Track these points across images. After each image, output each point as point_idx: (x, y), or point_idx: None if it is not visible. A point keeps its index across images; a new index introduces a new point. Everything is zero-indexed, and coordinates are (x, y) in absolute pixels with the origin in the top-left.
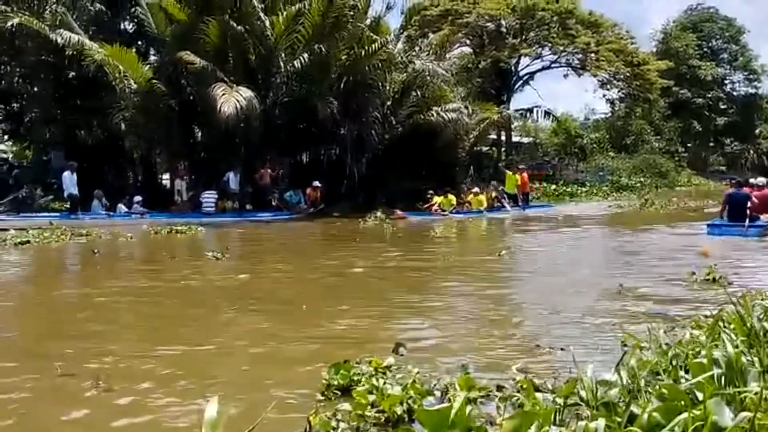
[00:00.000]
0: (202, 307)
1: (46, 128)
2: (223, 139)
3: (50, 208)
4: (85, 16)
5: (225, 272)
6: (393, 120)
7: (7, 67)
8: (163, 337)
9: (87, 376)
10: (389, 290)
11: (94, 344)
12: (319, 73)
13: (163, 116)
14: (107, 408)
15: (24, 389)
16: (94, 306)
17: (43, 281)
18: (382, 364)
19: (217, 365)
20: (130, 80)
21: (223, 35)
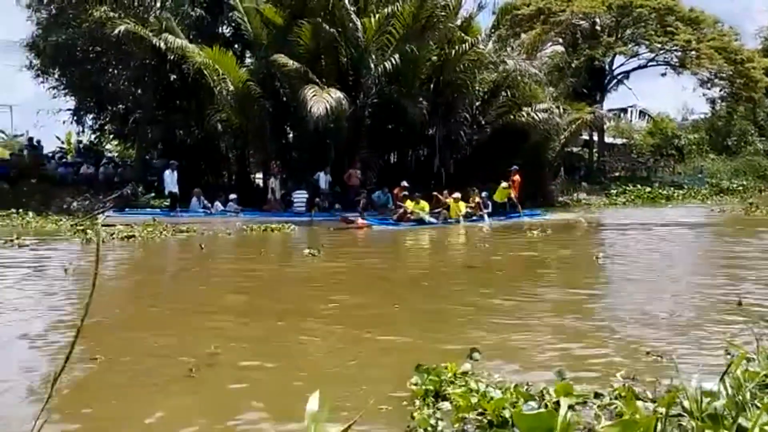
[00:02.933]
0: (292, 303)
1: (149, 129)
2: (313, 139)
3: (152, 205)
4: (187, 21)
5: (323, 268)
6: (482, 120)
7: (114, 71)
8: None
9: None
10: (466, 292)
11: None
12: (409, 73)
13: (257, 117)
14: (217, 392)
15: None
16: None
17: (172, 278)
18: (458, 370)
19: (306, 360)
20: (228, 82)
21: (316, 38)
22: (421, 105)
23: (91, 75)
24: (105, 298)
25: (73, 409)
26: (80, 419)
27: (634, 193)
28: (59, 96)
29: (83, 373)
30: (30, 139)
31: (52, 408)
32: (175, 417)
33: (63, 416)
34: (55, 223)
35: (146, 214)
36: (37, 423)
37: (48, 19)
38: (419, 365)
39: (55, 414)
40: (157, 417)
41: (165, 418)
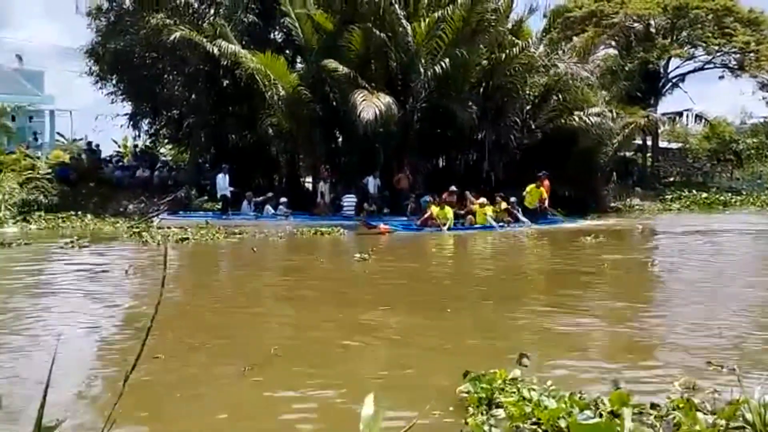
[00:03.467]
0: (350, 307)
1: (202, 133)
2: (362, 143)
3: (204, 208)
4: (239, 27)
5: (374, 272)
6: (532, 124)
7: (169, 77)
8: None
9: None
10: (518, 298)
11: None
12: (458, 77)
13: (308, 122)
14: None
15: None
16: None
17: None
18: (507, 376)
19: (357, 363)
20: (279, 87)
21: (366, 43)
22: (470, 109)
23: (147, 81)
24: (166, 298)
25: (135, 406)
26: (140, 416)
27: (689, 199)
28: (117, 101)
29: (144, 371)
30: (89, 144)
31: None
32: (228, 415)
33: (126, 411)
34: (113, 225)
35: (199, 217)
36: (109, 420)
37: (107, 27)
38: (467, 372)
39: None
40: (210, 414)
41: (217, 415)
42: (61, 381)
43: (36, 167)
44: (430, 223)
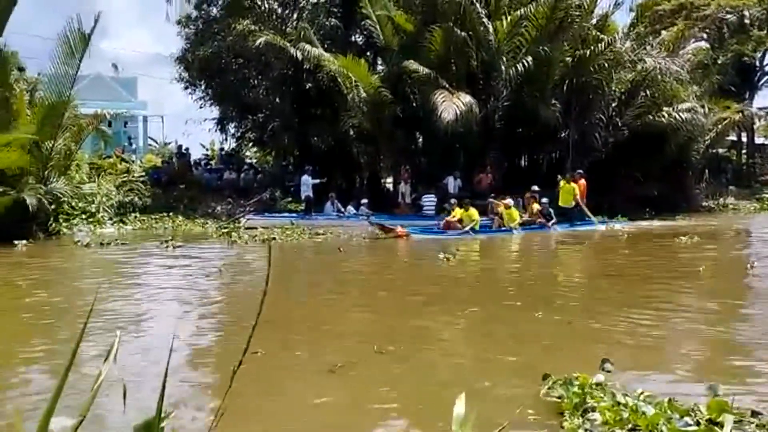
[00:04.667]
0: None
1: (286, 136)
2: (442, 143)
3: (288, 209)
4: (321, 31)
5: (460, 273)
6: (618, 122)
7: (255, 81)
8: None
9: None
10: (606, 301)
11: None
12: (541, 75)
13: (388, 123)
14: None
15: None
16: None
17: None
18: (590, 381)
19: (445, 363)
20: (360, 89)
21: (447, 43)
22: (553, 107)
23: (234, 86)
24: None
25: (237, 401)
26: (241, 410)
27: None
28: (205, 106)
29: (244, 365)
30: (179, 147)
31: (215, 399)
32: (318, 411)
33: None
34: (202, 225)
35: (283, 218)
36: (217, 414)
37: (195, 35)
38: (546, 375)
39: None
40: (299, 410)
41: (306, 410)
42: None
43: (131, 171)
44: (452, 226)
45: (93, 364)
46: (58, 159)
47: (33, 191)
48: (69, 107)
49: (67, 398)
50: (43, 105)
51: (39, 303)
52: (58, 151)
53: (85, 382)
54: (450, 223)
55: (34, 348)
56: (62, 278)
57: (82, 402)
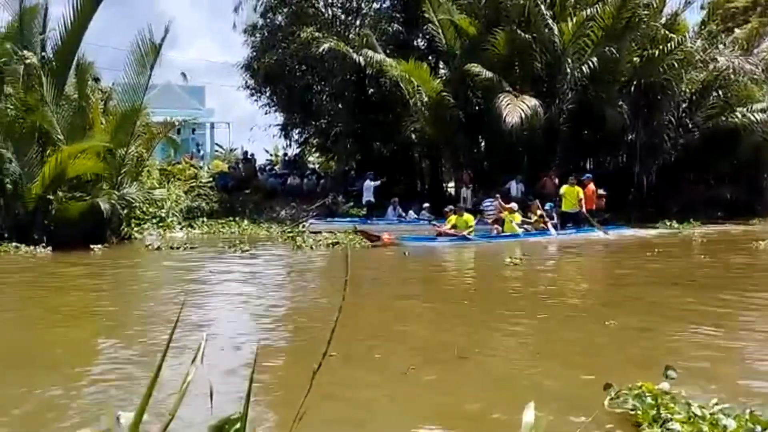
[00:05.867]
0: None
1: (348, 142)
2: (505, 147)
3: (351, 214)
4: (384, 37)
5: (529, 276)
6: (689, 123)
7: (318, 87)
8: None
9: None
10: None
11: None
12: (607, 76)
13: (450, 127)
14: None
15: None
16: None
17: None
18: (654, 389)
19: (501, 367)
20: (422, 93)
21: (510, 45)
22: (620, 109)
23: (298, 92)
24: (335, 299)
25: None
26: (313, 411)
27: None
28: (270, 112)
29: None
30: (245, 153)
31: (283, 400)
32: (385, 412)
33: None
34: (267, 230)
35: (346, 222)
36: (297, 415)
37: (261, 43)
38: (608, 384)
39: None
40: (369, 410)
41: (375, 411)
42: (237, 377)
43: (198, 176)
44: (444, 232)
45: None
46: (130, 165)
47: (107, 197)
48: (141, 115)
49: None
50: (116, 113)
51: (119, 304)
52: (130, 157)
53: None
54: (444, 230)
55: (115, 347)
56: (141, 281)
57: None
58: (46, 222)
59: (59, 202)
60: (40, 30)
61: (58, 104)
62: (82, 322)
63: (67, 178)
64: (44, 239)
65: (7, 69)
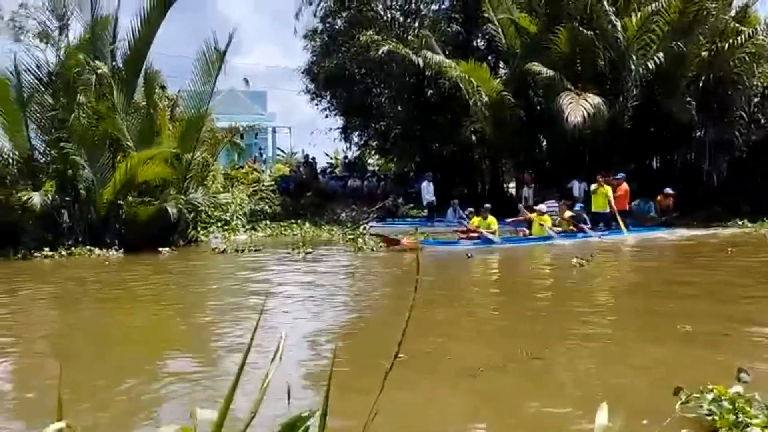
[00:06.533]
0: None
1: (407, 144)
2: (567, 147)
3: (411, 216)
4: (443, 38)
5: (597, 277)
6: (761, 119)
7: (377, 90)
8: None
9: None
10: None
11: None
12: (674, 72)
13: (511, 127)
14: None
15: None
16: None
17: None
18: (728, 393)
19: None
20: (482, 94)
21: (572, 43)
22: (688, 105)
23: (357, 96)
24: (401, 301)
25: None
26: (383, 411)
27: None
28: (330, 116)
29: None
30: (306, 156)
31: (350, 400)
32: (450, 413)
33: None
34: (328, 232)
35: (406, 224)
36: (369, 416)
37: (321, 47)
38: (678, 388)
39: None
40: (435, 412)
41: (440, 411)
42: (306, 377)
43: (261, 180)
44: (468, 236)
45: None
46: (196, 170)
47: (174, 201)
48: (206, 121)
49: (203, 391)
50: (183, 120)
51: (190, 305)
52: (196, 163)
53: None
54: (469, 232)
55: (188, 345)
56: (209, 283)
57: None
58: (117, 226)
59: (129, 206)
60: (111, 40)
61: (128, 112)
62: (157, 321)
63: (137, 184)
64: (116, 242)
65: (80, 79)
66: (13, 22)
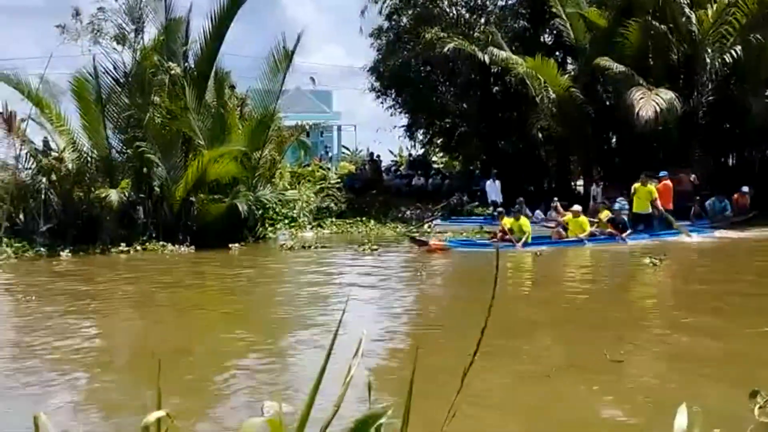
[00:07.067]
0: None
1: (472, 141)
2: (638, 143)
3: (475, 214)
4: (510, 34)
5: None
6: None
7: (442, 88)
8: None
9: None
10: None
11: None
12: (752, 65)
13: (579, 123)
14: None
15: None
16: None
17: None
18: None
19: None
20: (549, 90)
21: (644, 37)
22: (767, 99)
23: (423, 93)
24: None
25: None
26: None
27: None
28: (395, 114)
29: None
30: (371, 154)
31: (426, 397)
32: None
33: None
34: (393, 230)
35: (470, 222)
36: (449, 412)
37: (386, 45)
38: (755, 391)
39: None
40: (506, 412)
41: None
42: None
43: (327, 178)
44: (502, 238)
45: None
46: (264, 168)
47: (243, 198)
48: (274, 120)
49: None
50: (252, 119)
51: (263, 300)
52: (264, 160)
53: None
54: (497, 235)
55: (260, 339)
56: (280, 279)
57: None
58: (189, 223)
59: (200, 203)
60: (183, 41)
61: (199, 111)
62: (229, 317)
63: (208, 181)
64: (187, 239)
65: (154, 80)
66: (92, 26)
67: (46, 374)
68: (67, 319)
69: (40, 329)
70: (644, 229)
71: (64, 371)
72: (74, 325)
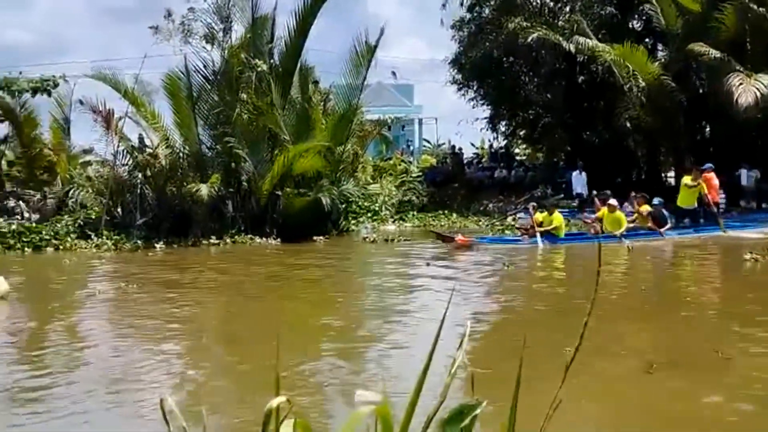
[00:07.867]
0: None
1: (557, 132)
2: (734, 132)
3: (560, 206)
4: (596, 21)
5: None
6: None
7: (526, 78)
8: None
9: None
10: None
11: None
12: None
13: (670, 113)
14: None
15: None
16: None
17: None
18: None
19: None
20: (638, 78)
21: (740, 20)
22: None
23: (505, 84)
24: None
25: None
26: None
27: None
28: (477, 106)
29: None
30: (452, 147)
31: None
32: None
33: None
34: (475, 222)
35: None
36: (551, 407)
37: (468, 37)
38: None
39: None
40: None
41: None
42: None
43: (409, 171)
44: (531, 233)
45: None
46: (347, 162)
47: (327, 192)
48: (356, 115)
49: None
50: (335, 114)
51: (350, 291)
52: (347, 155)
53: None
54: (529, 229)
55: (348, 329)
56: (366, 271)
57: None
58: (275, 216)
59: (286, 197)
60: (269, 39)
61: (285, 107)
62: (322, 305)
63: (293, 175)
64: (274, 232)
65: (241, 77)
66: (183, 26)
67: (167, 357)
68: (164, 306)
69: (149, 315)
70: (689, 223)
71: (174, 353)
72: (175, 312)
